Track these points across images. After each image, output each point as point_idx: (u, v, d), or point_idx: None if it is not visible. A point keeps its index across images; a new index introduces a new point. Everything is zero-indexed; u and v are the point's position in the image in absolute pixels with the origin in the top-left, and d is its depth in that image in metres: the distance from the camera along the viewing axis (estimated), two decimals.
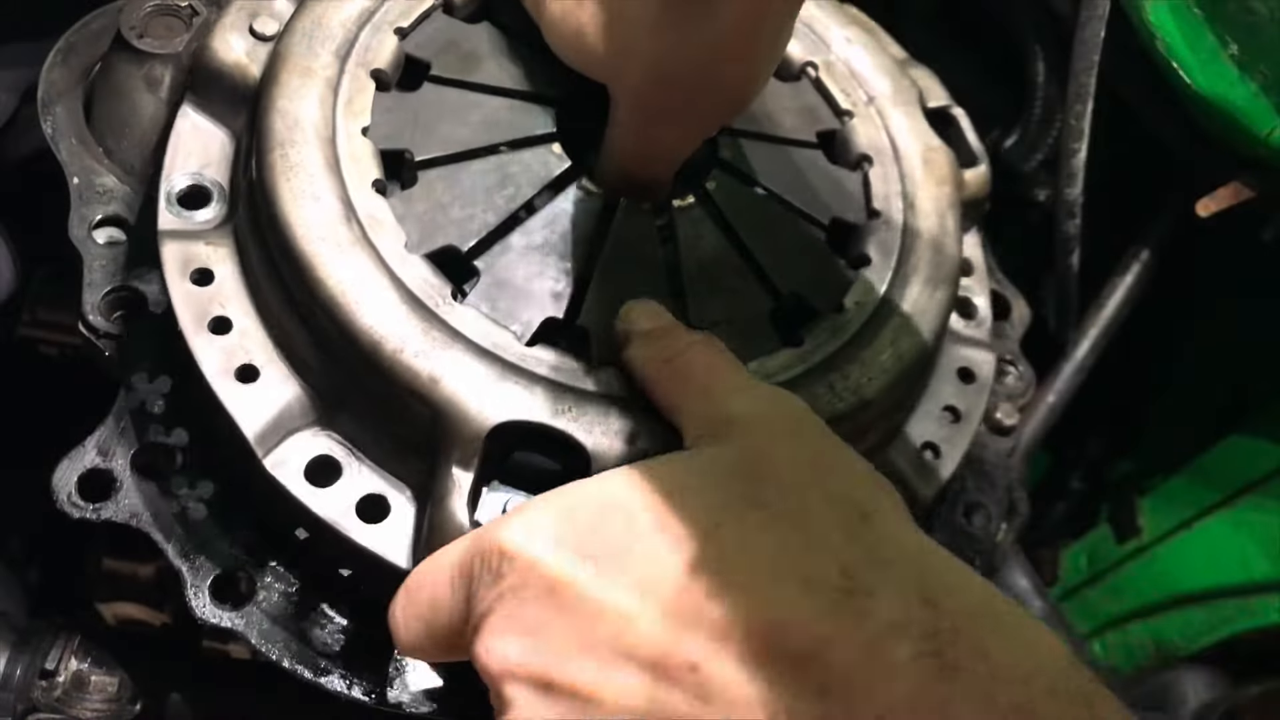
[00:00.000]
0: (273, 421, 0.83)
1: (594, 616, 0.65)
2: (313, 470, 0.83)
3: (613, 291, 0.87)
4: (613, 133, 0.92)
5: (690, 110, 0.88)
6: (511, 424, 0.79)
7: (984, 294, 1.12)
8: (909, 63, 1.15)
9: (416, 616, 0.73)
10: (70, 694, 0.96)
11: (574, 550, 0.67)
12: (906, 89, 1.09)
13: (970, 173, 1.10)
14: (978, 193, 1.12)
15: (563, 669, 0.64)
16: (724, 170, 0.98)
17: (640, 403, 0.81)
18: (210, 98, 0.94)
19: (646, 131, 0.90)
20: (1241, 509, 1.35)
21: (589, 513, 0.69)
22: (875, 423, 0.92)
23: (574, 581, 0.66)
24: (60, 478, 0.86)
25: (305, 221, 0.84)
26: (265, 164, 0.86)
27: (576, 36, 0.86)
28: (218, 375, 0.84)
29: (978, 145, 1.12)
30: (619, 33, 0.84)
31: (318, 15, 0.93)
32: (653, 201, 0.94)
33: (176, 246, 0.88)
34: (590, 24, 0.85)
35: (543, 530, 0.68)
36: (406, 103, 0.93)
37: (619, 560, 0.66)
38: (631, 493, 0.69)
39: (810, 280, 0.95)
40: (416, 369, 0.80)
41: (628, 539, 0.67)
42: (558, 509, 0.70)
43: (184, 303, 0.86)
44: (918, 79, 1.12)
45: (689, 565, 0.64)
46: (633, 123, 0.89)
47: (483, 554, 0.69)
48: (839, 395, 0.88)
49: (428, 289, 0.83)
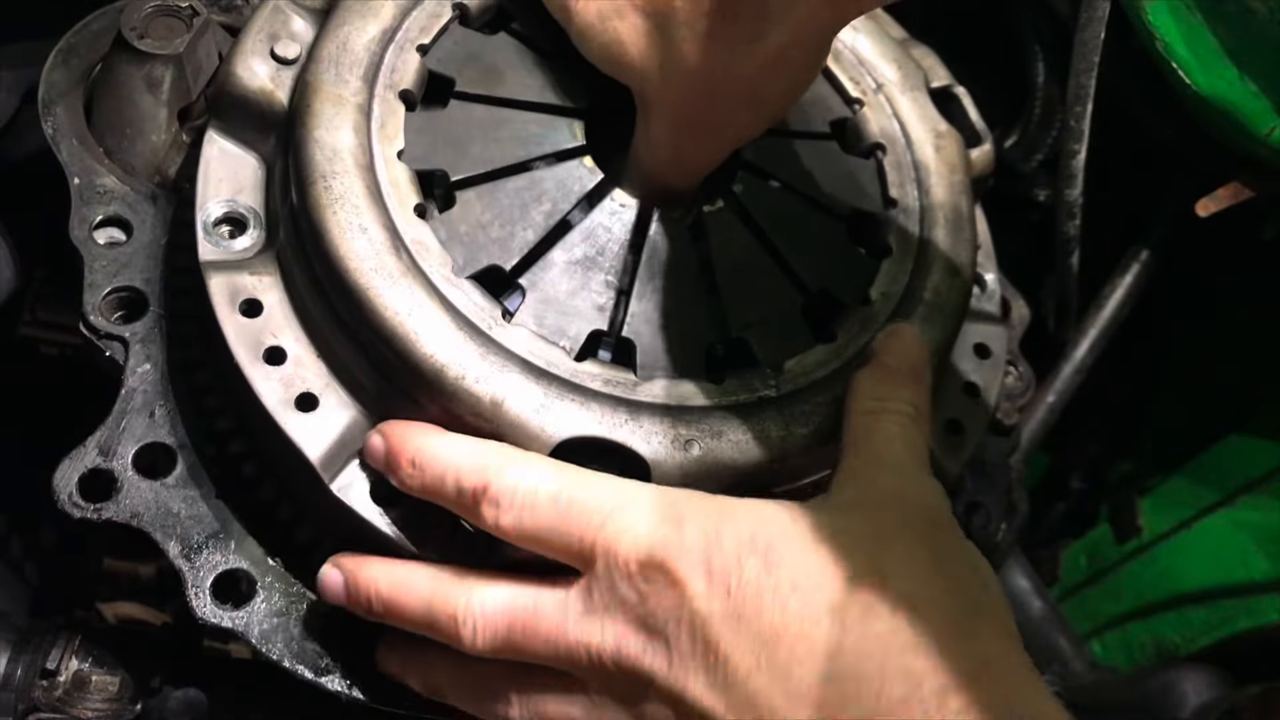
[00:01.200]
0: (335, 446, 0.84)
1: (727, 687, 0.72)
2: (379, 491, 0.85)
3: (652, 301, 0.90)
4: (643, 142, 0.92)
5: (729, 124, 0.89)
6: (573, 439, 0.82)
7: (992, 268, 1.15)
8: (909, 42, 1.16)
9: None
10: (71, 694, 0.96)
11: (722, 591, 0.73)
12: (913, 73, 1.10)
13: (975, 152, 1.11)
14: (983, 171, 1.13)
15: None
16: (748, 171, 0.99)
17: (687, 408, 0.85)
18: (236, 124, 0.94)
19: (681, 143, 0.90)
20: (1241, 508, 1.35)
21: (735, 543, 0.74)
22: None
23: (719, 642, 0.72)
24: (61, 478, 0.86)
25: (356, 254, 0.84)
26: (309, 197, 0.86)
27: (615, 46, 0.87)
28: (279, 406, 0.84)
29: (980, 124, 1.13)
30: (663, 47, 0.84)
31: (342, 40, 0.93)
32: (683, 207, 0.95)
33: (222, 279, 0.88)
34: (631, 36, 0.85)
35: (692, 551, 0.74)
36: (436, 122, 0.93)
37: (762, 617, 0.72)
38: (774, 529, 0.75)
39: (837, 275, 0.96)
40: (479, 394, 0.82)
41: (771, 587, 0.73)
42: (703, 531, 0.75)
43: (237, 336, 0.86)
44: (920, 59, 1.13)
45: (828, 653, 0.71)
46: (667, 134, 0.90)
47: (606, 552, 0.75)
48: None
49: (479, 312, 0.85)
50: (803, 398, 0.88)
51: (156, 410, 0.90)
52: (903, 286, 0.96)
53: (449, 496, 0.80)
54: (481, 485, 0.78)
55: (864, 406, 0.85)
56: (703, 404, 0.86)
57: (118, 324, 0.92)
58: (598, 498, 0.78)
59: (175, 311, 0.93)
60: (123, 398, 0.90)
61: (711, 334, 0.90)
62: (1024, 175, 1.42)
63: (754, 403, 0.87)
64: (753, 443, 0.85)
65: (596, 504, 0.77)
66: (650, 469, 0.82)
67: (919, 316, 0.95)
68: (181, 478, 0.89)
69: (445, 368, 0.82)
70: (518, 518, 0.77)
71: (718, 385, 0.87)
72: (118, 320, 0.93)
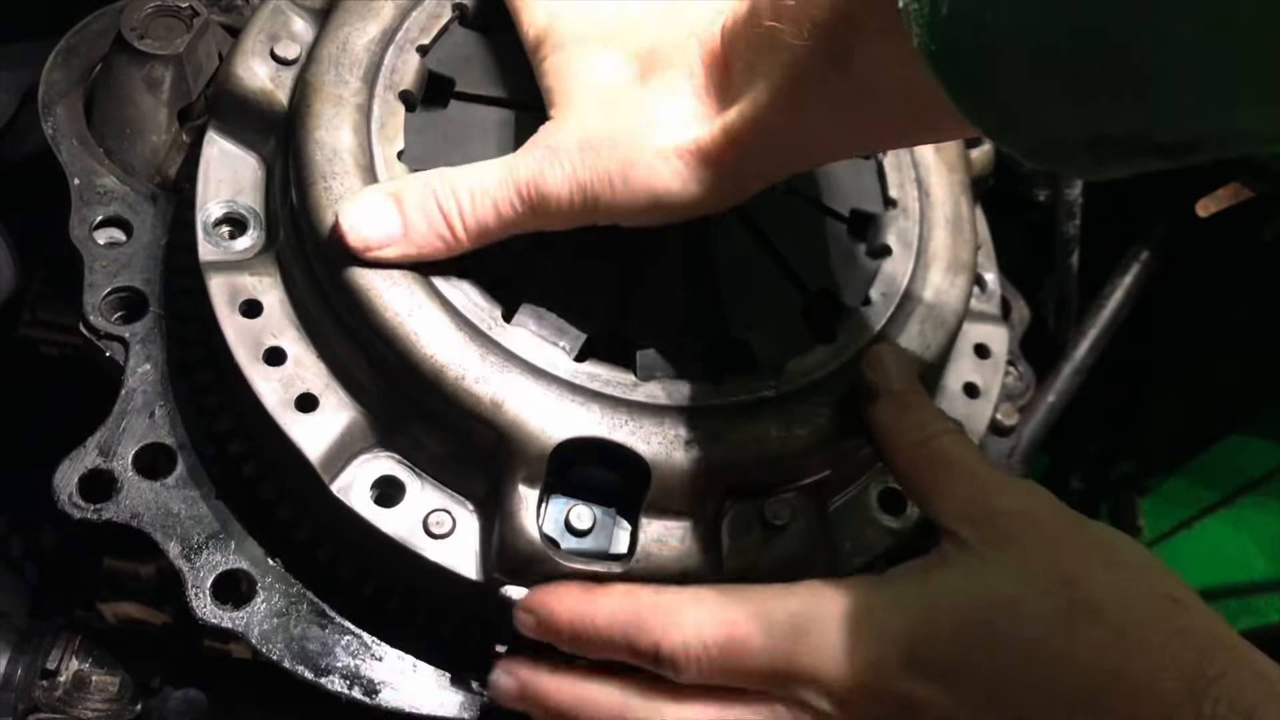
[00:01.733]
0: (335, 447, 0.84)
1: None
2: (379, 491, 0.85)
3: (652, 301, 0.89)
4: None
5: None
6: (573, 440, 0.82)
7: (992, 268, 1.15)
8: None
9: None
10: (71, 694, 0.96)
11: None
12: None
13: (975, 152, 1.11)
14: (983, 171, 1.13)
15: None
16: None
17: (687, 409, 0.84)
18: (236, 124, 0.94)
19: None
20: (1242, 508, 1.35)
21: (954, 644, 0.74)
22: None
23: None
24: (61, 478, 0.86)
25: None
26: (309, 198, 0.86)
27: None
28: (278, 407, 0.84)
29: None
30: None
31: (342, 40, 0.93)
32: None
33: (222, 279, 0.88)
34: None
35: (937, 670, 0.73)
36: (436, 122, 0.93)
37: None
38: (979, 611, 0.74)
39: (836, 275, 0.96)
40: (479, 394, 0.82)
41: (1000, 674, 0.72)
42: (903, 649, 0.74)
43: (237, 337, 0.86)
44: None
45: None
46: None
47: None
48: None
49: (479, 312, 0.85)
50: (802, 398, 0.88)
51: (156, 411, 0.90)
52: (903, 287, 0.96)
53: (628, 660, 0.79)
54: (651, 650, 0.76)
55: (910, 440, 0.83)
56: (703, 404, 0.86)
57: (118, 324, 0.92)
58: (773, 632, 0.76)
59: (175, 312, 0.93)
60: (123, 398, 0.90)
61: (711, 334, 0.90)
62: (1024, 175, 1.42)
63: (754, 403, 0.86)
64: (752, 443, 0.85)
65: (771, 642, 0.76)
66: (650, 469, 0.82)
67: (919, 317, 0.95)
68: (181, 478, 0.89)
69: (445, 368, 0.82)
70: (698, 674, 0.76)
71: (718, 386, 0.87)
72: (118, 320, 0.93)
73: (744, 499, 0.86)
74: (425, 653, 0.89)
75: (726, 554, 0.84)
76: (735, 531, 0.85)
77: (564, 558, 0.81)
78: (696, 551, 0.83)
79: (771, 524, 0.85)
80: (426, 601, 0.88)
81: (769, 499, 0.86)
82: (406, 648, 0.89)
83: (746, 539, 0.85)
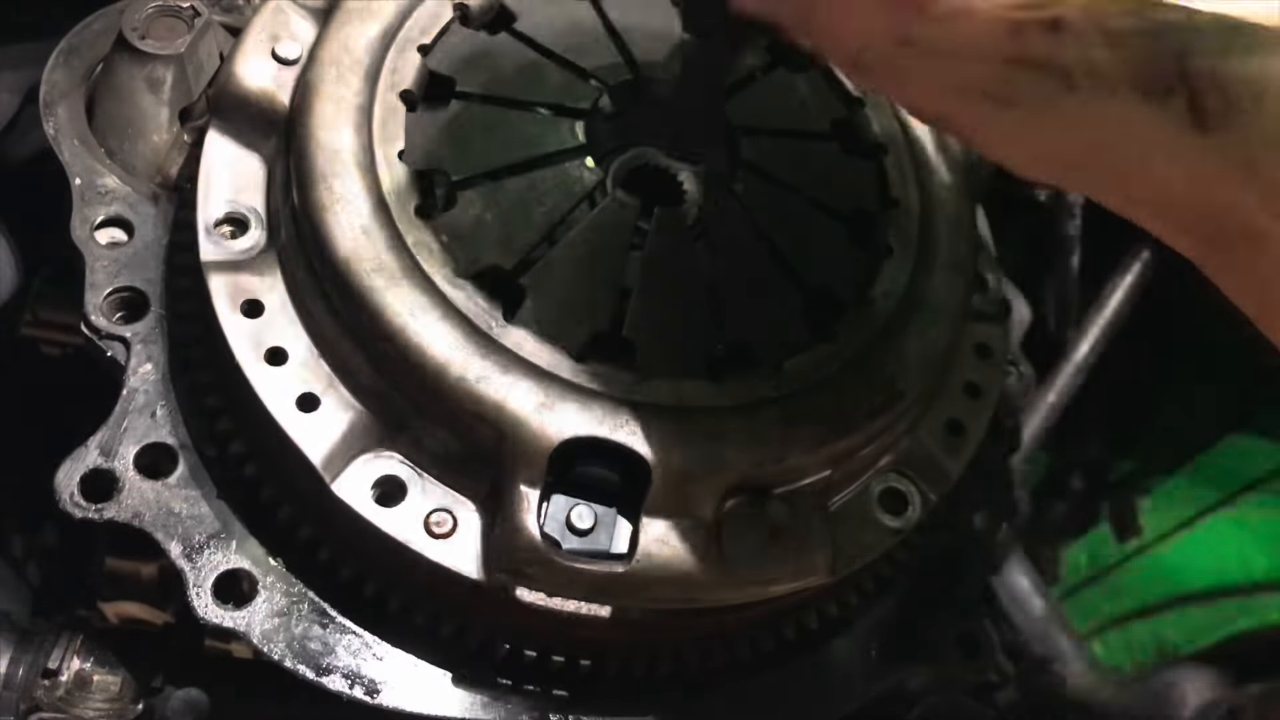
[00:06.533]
0: (336, 446, 0.84)
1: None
2: (380, 491, 0.85)
3: (653, 301, 0.89)
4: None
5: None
6: (574, 440, 0.82)
7: (992, 268, 1.14)
8: None
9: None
10: (73, 693, 0.96)
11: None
12: None
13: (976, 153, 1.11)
14: (983, 171, 1.12)
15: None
16: (749, 171, 0.99)
17: (687, 408, 0.84)
18: (237, 124, 0.95)
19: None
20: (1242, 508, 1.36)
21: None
22: (908, 411, 0.94)
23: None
24: (63, 478, 0.86)
25: (357, 255, 0.85)
26: (311, 199, 0.86)
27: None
28: (280, 407, 0.85)
29: None
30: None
31: (343, 40, 0.93)
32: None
33: (223, 279, 0.88)
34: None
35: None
36: (437, 121, 0.93)
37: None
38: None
39: (837, 274, 0.96)
40: (480, 394, 0.82)
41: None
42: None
43: (238, 336, 0.86)
44: None
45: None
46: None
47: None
48: (875, 389, 0.90)
49: (480, 312, 0.85)
50: (803, 398, 0.88)
51: (158, 410, 0.90)
52: (903, 286, 0.96)
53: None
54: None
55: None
56: (703, 404, 0.86)
57: (119, 324, 0.92)
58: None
59: (176, 312, 0.93)
60: (124, 398, 0.90)
61: (712, 334, 0.90)
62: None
63: (754, 403, 0.87)
64: (753, 443, 0.85)
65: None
66: (651, 469, 0.82)
67: (920, 317, 0.94)
68: (183, 478, 0.89)
69: (446, 368, 0.82)
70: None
71: (718, 385, 0.87)
72: (119, 320, 0.93)
73: (745, 498, 0.86)
74: (426, 652, 0.89)
75: (727, 554, 0.84)
76: (736, 531, 0.85)
77: (565, 557, 0.81)
78: (697, 551, 0.83)
79: (772, 523, 0.85)
80: (427, 601, 0.88)
81: (769, 499, 0.86)
82: (408, 647, 0.89)
83: (747, 539, 0.85)
